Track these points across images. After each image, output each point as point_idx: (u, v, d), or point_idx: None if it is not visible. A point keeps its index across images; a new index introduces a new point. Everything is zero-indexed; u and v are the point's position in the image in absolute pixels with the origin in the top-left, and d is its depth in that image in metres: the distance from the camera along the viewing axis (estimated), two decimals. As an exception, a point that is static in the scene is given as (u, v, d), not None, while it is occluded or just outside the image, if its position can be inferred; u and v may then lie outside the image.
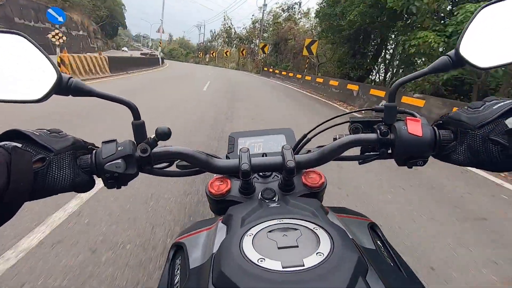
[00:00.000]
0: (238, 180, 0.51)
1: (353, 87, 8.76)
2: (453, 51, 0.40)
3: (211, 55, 43.80)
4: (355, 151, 0.49)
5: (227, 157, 0.57)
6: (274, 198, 0.48)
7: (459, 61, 0.40)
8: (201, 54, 53.19)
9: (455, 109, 0.53)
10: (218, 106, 6.05)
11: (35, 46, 0.36)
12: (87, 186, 0.41)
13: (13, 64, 0.35)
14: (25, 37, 0.35)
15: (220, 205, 0.51)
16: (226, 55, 36.94)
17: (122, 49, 56.01)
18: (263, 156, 0.55)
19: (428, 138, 0.42)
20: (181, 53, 63.11)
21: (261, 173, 0.55)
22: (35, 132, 0.37)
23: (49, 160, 0.36)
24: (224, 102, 6.77)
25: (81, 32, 32.59)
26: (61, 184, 0.37)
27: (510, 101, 0.38)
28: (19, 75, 0.35)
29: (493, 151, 0.37)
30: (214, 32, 49.32)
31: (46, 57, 0.36)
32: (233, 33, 38.84)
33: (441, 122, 0.45)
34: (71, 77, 0.38)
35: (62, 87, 0.37)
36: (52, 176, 0.36)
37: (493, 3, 0.38)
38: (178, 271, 0.39)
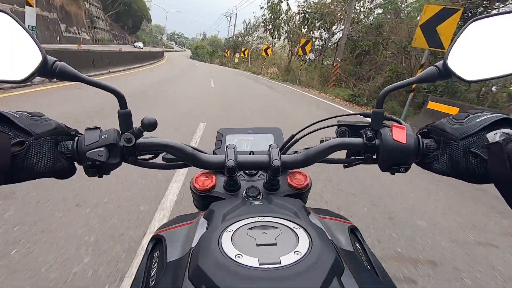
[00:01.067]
0: (224, 176, 0.52)
1: None
2: (441, 62, 0.42)
3: (243, 54, 29.22)
4: (341, 154, 0.52)
5: (214, 153, 0.58)
6: (258, 197, 0.49)
7: (447, 73, 0.41)
8: (227, 53, 38.00)
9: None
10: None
11: (21, 26, 0.35)
12: (68, 172, 0.41)
13: None
14: (10, 16, 0.35)
15: (204, 200, 0.52)
16: (266, 54, 20.70)
17: (135, 44, 42.19)
18: (250, 154, 0.57)
19: (411, 146, 0.43)
20: (206, 51, 53.09)
21: (247, 171, 0.56)
22: (15, 115, 0.37)
23: (28, 144, 0.36)
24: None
25: (37, 11, 20.09)
26: (40, 169, 0.37)
27: (493, 115, 0.40)
28: (2, 54, 0.35)
29: (472, 163, 0.39)
30: (249, 22, 33.98)
31: (32, 37, 0.36)
32: (284, 13, 20.25)
33: (425, 130, 0.47)
34: (57, 60, 0.38)
35: (46, 70, 0.37)
36: (30, 160, 0.36)
37: (482, 17, 0.40)
38: (156, 264, 0.40)
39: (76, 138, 0.42)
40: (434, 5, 5.87)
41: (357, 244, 0.45)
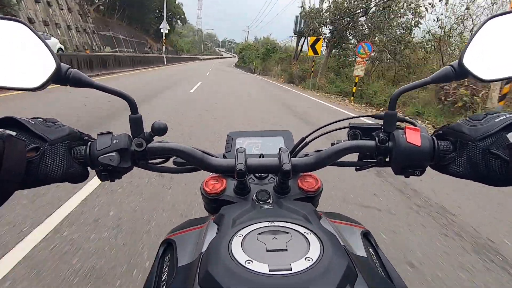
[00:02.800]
0: (234, 180, 0.62)
1: None
2: (456, 61, 0.49)
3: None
4: (353, 157, 0.61)
5: (224, 156, 0.70)
6: (269, 200, 0.58)
7: (462, 72, 0.49)
8: (319, 47, 16.14)
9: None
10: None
11: (35, 34, 0.44)
12: (81, 177, 0.51)
13: (12, 51, 0.44)
14: (25, 25, 0.43)
15: (214, 204, 0.63)
16: None
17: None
18: (260, 157, 0.68)
19: (426, 148, 0.51)
20: (255, 54, 39.07)
21: (257, 174, 0.67)
22: (30, 121, 0.46)
23: (43, 150, 0.45)
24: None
25: None
26: (54, 174, 0.46)
27: None
28: (18, 63, 0.44)
29: (493, 165, 0.46)
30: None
31: (46, 45, 0.44)
32: None
33: (441, 132, 0.54)
34: (70, 67, 0.47)
35: (60, 77, 0.46)
36: (45, 166, 0.45)
37: (499, 15, 0.47)
38: (166, 268, 0.48)
39: (89, 143, 0.51)
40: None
41: (371, 250, 0.52)
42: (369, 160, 0.60)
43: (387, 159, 0.56)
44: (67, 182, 0.50)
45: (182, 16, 59.24)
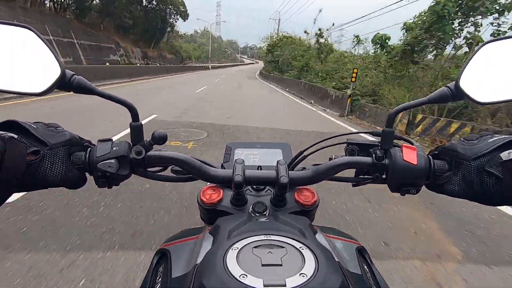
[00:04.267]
0: (231, 190, 0.72)
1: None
2: (453, 83, 0.59)
3: None
4: (350, 172, 0.70)
5: (222, 166, 0.82)
6: (265, 213, 0.69)
7: (459, 94, 0.59)
8: None
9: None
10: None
11: (42, 40, 0.52)
12: (78, 182, 0.60)
13: (19, 56, 0.51)
14: (33, 31, 0.51)
15: (210, 214, 0.74)
16: None
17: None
18: (258, 169, 0.79)
19: (422, 167, 0.61)
20: (301, 52, 27.60)
21: (254, 186, 0.77)
22: (32, 125, 0.54)
23: (43, 153, 0.53)
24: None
25: None
26: (52, 178, 0.55)
27: (506, 136, 0.54)
28: (24, 68, 0.52)
29: (487, 183, 0.55)
30: None
31: (52, 52, 0.52)
32: None
33: (436, 152, 0.64)
34: (75, 74, 0.55)
35: (65, 83, 0.54)
36: (44, 169, 0.53)
37: (496, 40, 0.56)
38: (160, 279, 0.56)
39: (89, 149, 0.58)
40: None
41: (365, 266, 0.59)
42: (365, 176, 0.69)
43: (384, 176, 0.65)
44: (64, 187, 0.56)
45: (182, 9, 48.88)
